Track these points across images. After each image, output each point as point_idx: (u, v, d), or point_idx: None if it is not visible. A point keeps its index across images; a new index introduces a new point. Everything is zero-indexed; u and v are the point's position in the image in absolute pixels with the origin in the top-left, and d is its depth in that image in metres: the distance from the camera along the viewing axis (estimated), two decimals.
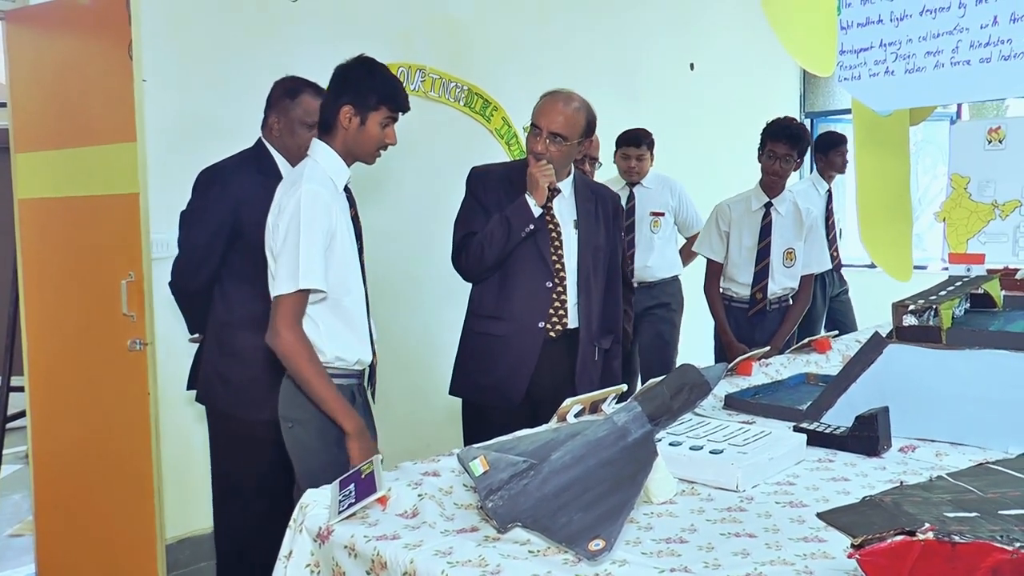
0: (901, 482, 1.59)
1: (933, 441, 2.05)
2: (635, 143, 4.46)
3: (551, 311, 2.76)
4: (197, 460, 3.65)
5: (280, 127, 2.73)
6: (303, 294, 2.18)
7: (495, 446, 1.73)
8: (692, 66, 6.12)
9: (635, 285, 4.26)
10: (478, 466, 1.57)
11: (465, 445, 2.38)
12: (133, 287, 2.80)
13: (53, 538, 3.30)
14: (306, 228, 2.16)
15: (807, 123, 7.35)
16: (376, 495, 1.60)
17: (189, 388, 2.94)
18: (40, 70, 3.14)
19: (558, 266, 2.76)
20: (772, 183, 3.87)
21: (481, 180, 2.85)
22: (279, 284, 2.18)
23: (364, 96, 2.27)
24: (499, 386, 2.74)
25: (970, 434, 2.03)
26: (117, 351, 2.83)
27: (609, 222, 2.91)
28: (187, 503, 3.59)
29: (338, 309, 2.26)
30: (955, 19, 1.98)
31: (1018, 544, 1.03)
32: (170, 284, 2.79)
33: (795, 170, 3.92)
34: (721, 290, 3.97)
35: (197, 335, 2.93)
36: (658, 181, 4.56)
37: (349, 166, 2.34)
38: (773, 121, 3.88)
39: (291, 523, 1.69)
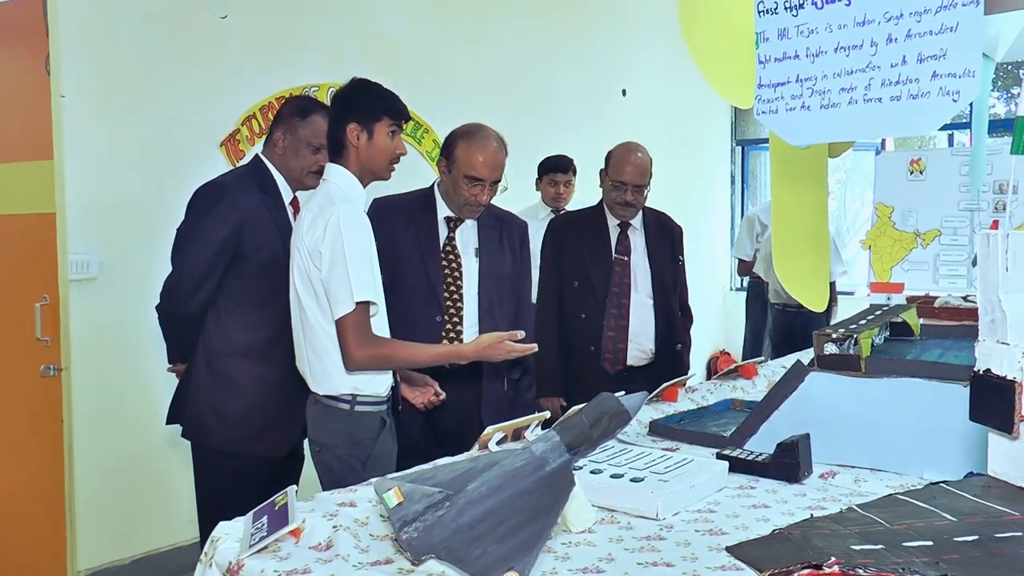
0: (811, 515, 1.61)
1: (853, 467, 2.08)
2: (563, 169, 4.46)
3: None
4: (111, 489, 3.55)
5: (285, 144, 2.65)
6: (363, 307, 2.21)
7: (411, 476, 1.70)
8: (624, 92, 6.19)
9: None
10: (392, 497, 1.54)
11: None
12: (48, 310, 2.71)
13: None
14: (350, 244, 2.19)
15: (738, 151, 7.43)
16: (288, 527, 1.56)
17: (170, 423, 2.74)
18: None
19: (455, 297, 2.69)
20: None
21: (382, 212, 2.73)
22: (336, 308, 2.21)
23: (366, 111, 2.32)
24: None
25: (888, 460, 2.05)
26: (29, 377, 2.73)
27: (516, 249, 2.86)
28: (101, 534, 3.48)
29: None
30: (867, 57, 2.02)
31: None
32: (159, 307, 2.66)
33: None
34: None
35: (177, 365, 2.76)
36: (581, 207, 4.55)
37: (365, 186, 2.37)
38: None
39: (202, 557, 1.63)
